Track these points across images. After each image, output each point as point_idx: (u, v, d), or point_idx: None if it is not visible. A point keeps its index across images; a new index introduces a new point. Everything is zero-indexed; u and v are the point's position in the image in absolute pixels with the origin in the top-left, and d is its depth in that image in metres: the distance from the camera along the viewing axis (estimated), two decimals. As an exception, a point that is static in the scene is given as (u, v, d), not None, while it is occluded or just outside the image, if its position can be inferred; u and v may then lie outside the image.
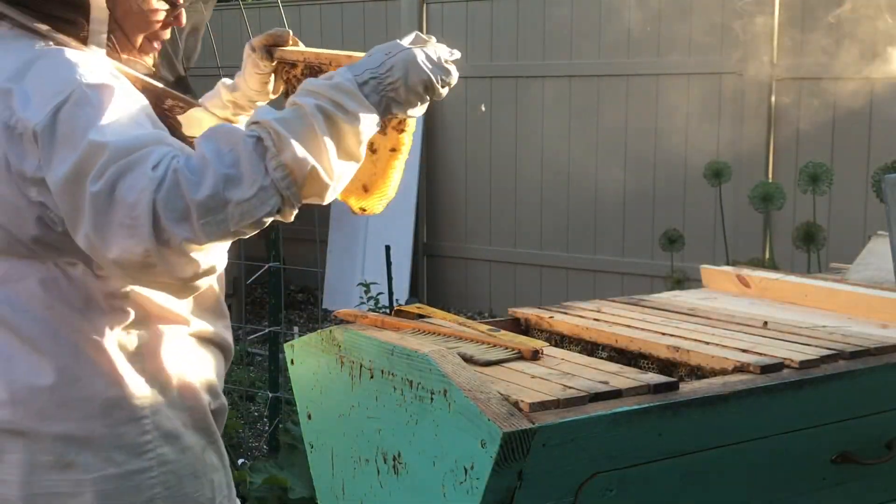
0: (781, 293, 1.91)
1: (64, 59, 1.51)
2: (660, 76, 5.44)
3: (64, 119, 1.43)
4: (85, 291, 1.55)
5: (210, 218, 1.36)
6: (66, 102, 1.44)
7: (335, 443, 1.52)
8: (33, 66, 1.50)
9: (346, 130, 1.45)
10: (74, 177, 1.40)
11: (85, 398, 1.55)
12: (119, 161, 1.38)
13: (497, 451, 1.17)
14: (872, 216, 4.81)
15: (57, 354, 1.54)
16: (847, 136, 5.02)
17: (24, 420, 1.56)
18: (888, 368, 1.49)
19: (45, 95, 1.46)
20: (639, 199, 5.60)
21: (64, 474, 1.56)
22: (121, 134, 1.42)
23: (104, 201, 1.37)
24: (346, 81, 1.47)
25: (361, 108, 1.47)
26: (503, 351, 1.45)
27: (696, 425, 1.31)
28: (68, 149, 1.41)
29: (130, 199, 1.36)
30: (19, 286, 1.55)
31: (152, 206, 1.35)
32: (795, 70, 5.13)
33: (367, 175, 1.66)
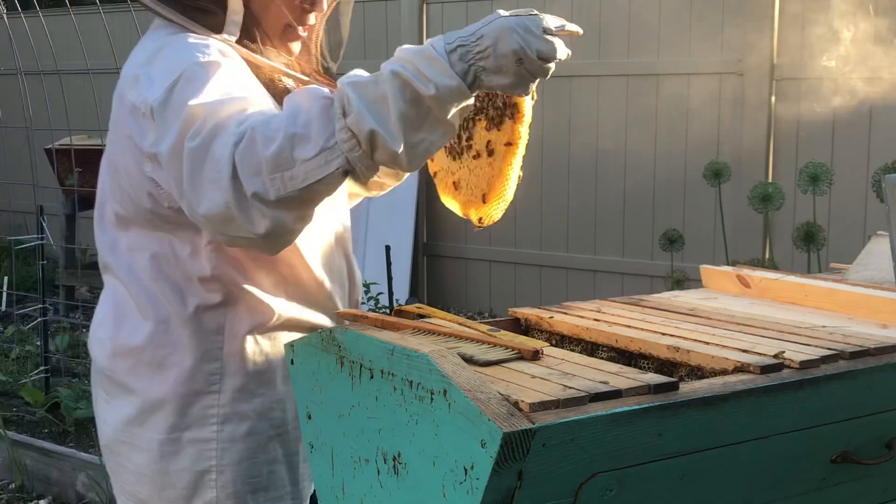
0: (781, 293, 1.91)
1: (185, 44, 1.62)
2: (660, 76, 5.44)
3: (175, 94, 1.54)
4: (185, 271, 1.67)
5: (278, 174, 1.43)
6: (179, 80, 1.55)
7: (335, 443, 1.52)
8: (160, 53, 1.63)
9: (422, 97, 1.43)
10: (178, 139, 1.50)
11: (165, 365, 1.70)
12: (215, 120, 1.48)
13: (497, 451, 1.17)
14: (872, 216, 4.81)
15: (153, 322, 1.69)
16: (847, 136, 5.02)
17: (118, 373, 1.74)
18: (888, 368, 1.49)
19: (163, 76, 1.57)
20: (639, 199, 5.60)
21: (140, 429, 1.72)
22: (219, 99, 1.52)
23: (199, 157, 1.48)
24: (433, 48, 1.45)
25: (442, 75, 1.44)
26: (503, 351, 1.45)
27: (696, 425, 1.31)
28: (175, 119, 1.52)
29: (218, 155, 1.46)
30: (138, 256, 1.70)
31: (232, 160, 1.45)
32: (795, 70, 5.13)
33: (486, 180, 1.62)
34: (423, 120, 1.45)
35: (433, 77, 1.43)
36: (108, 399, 1.79)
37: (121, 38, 6.99)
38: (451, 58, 1.44)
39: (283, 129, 1.45)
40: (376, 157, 1.46)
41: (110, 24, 5.15)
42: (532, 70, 1.47)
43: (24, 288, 6.73)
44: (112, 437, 1.78)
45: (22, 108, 4.98)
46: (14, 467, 4.01)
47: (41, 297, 4.70)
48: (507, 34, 1.45)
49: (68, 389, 4.56)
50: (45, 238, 4.66)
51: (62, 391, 4.49)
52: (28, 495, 3.96)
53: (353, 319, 1.66)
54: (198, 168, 1.48)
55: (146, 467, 1.73)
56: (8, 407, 4.61)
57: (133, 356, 1.72)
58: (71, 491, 3.89)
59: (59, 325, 5.81)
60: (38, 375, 4.70)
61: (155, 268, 1.69)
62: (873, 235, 2.07)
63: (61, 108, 5.13)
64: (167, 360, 1.70)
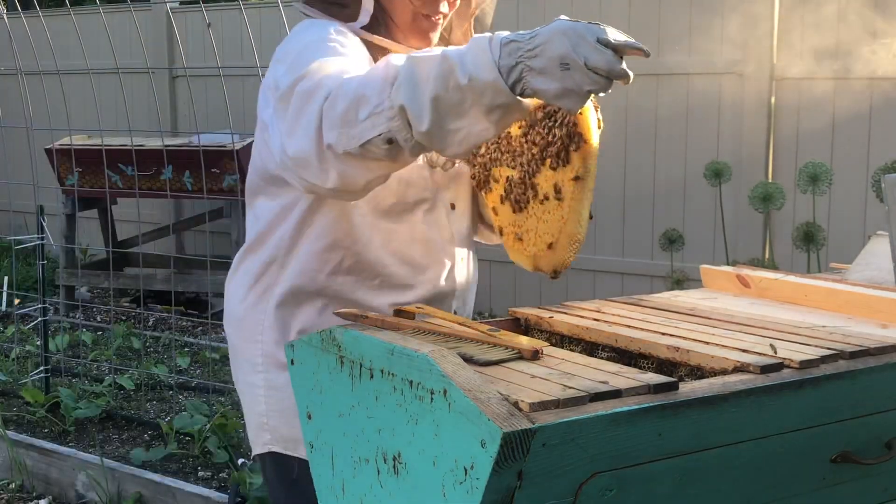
0: (781, 293, 1.91)
1: (311, 27, 1.79)
2: (660, 76, 5.44)
3: (295, 65, 1.66)
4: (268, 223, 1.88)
5: (346, 130, 1.52)
6: (301, 53, 1.69)
7: (335, 443, 1.52)
8: (291, 35, 1.80)
9: (457, 85, 1.43)
10: (291, 85, 1.62)
11: (233, 314, 1.94)
12: (321, 75, 1.60)
13: (497, 451, 1.17)
14: (872, 216, 4.81)
15: (244, 268, 1.93)
16: (847, 136, 5.02)
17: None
18: (888, 368, 1.49)
19: (287, 54, 1.73)
20: (639, 199, 5.60)
21: (231, 367, 2.00)
22: (330, 58, 1.65)
23: (302, 103, 1.59)
24: (489, 40, 1.45)
25: (482, 67, 1.42)
26: (503, 351, 1.45)
27: (696, 425, 1.31)
28: (293, 74, 1.64)
29: (313, 106, 1.57)
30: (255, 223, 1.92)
31: (320, 111, 1.55)
32: (795, 70, 5.13)
33: (557, 225, 1.53)
34: (466, 109, 1.44)
35: (472, 68, 1.42)
36: None
37: (121, 38, 7.00)
38: (503, 51, 1.42)
39: (355, 89, 1.53)
40: (414, 134, 1.49)
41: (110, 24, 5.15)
42: (578, 80, 1.39)
43: (24, 288, 6.73)
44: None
45: (22, 108, 4.98)
46: (14, 467, 4.01)
47: (41, 297, 4.70)
48: (558, 36, 1.40)
49: (68, 389, 4.56)
50: (45, 238, 4.66)
51: (62, 391, 4.49)
52: (28, 495, 3.97)
53: (353, 319, 1.66)
54: (299, 114, 1.59)
55: (243, 405, 1.98)
56: (8, 407, 4.61)
57: (227, 307, 1.99)
58: (71, 491, 3.89)
59: (59, 325, 5.81)
60: (38, 375, 4.70)
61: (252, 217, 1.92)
62: (873, 235, 2.07)
63: (61, 108, 5.13)
64: (235, 309, 1.93)
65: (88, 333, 5.69)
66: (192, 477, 3.84)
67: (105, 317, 6.47)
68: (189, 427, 4.08)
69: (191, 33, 7.16)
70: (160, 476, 3.74)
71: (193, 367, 5.38)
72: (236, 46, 6.92)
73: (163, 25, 7.32)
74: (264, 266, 1.87)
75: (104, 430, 4.37)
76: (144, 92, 6.92)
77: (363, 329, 1.52)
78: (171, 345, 5.49)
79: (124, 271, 6.70)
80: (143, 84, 6.92)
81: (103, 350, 5.45)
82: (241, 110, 6.82)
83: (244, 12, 4.76)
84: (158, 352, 5.68)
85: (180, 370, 5.16)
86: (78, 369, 5.07)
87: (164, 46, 7.34)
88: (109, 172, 5.98)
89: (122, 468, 3.80)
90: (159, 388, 4.91)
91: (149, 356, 5.49)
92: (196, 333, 6.08)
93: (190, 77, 5.69)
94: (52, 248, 6.82)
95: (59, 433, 4.32)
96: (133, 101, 6.88)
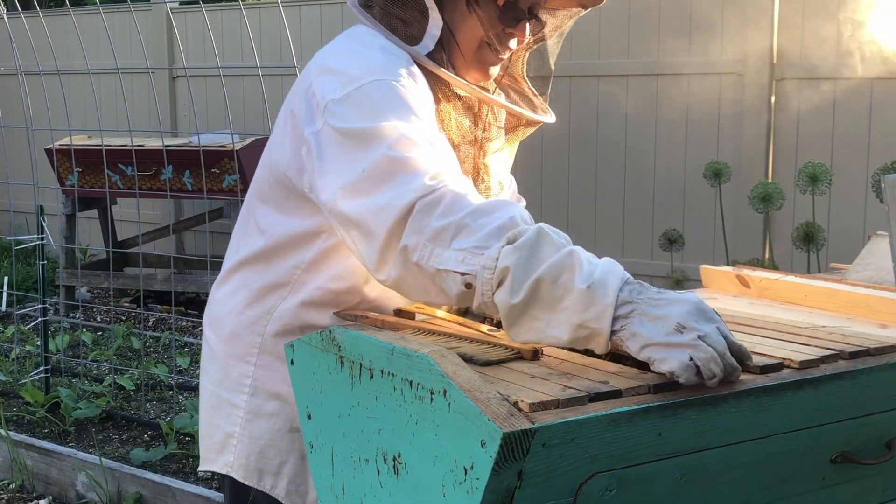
0: (781, 293, 1.91)
1: (378, 52, 1.65)
2: (660, 76, 5.44)
3: (362, 98, 1.56)
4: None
5: (432, 244, 1.45)
6: (366, 87, 1.57)
7: (335, 443, 1.52)
8: (354, 52, 1.66)
9: (570, 285, 1.34)
10: (362, 134, 1.53)
11: (222, 323, 1.83)
12: (413, 152, 1.50)
13: (497, 451, 1.17)
14: (872, 216, 4.81)
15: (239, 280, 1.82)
16: (847, 136, 5.02)
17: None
18: (888, 368, 1.49)
19: (349, 77, 1.59)
20: (639, 199, 5.60)
21: (203, 373, 1.90)
22: (416, 132, 1.53)
23: (383, 172, 1.49)
24: (622, 268, 1.37)
25: (607, 286, 1.33)
26: (503, 351, 1.45)
27: (696, 425, 1.31)
28: (361, 120, 1.55)
29: (406, 187, 1.47)
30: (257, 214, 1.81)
31: (413, 204, 1.46)
32: (795, 70, 5.13)
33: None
34: (559, 309, 1.35)
35: (598, 279, 1.33)
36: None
37: (121, 38, 7.00)
38: (626, 287, 1.34)
39: (464, 213, 1.44)
40: (496, 298, 1.39)
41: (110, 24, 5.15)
42: (686, 341, 1.28)
43: (24, 288, 6.73)
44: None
45: (22, 108, 4.98)
46: (14, 467, 4.02)
47: (41, 297, 4.70)
48: (687, 304, 1.31)
49: (68, 389, 4.56)
50: (46, 238, 4.66)
51: (62, 391, 4.50)
52: (28, 495, 3.97)
53: (353, 319, 1.66)
54: (377, 181, 1.49)
55: (202, 409, 1.90)
56: (8, 407, 4.62)
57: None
58: (71, 491, 3.89)
59: (59, 325, 5.81)
60: (38, 375, 4.70)
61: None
62: (873, 235, 2.07)
63: (61, 108, 5.13)
64: (227, 321, 1.82)
65: (88, 333, 5.69)
66: (192, 477, 3.84)
67: (105, 317, 6.47)
68: (189, 427, 4.08)
69: (191, 33, 7.16)
70: (160, 476, 3.74)
71: (193, 367, 5.38)
72: (236, 46, 6.92)
73: (163, 25, 7.32)
74: (268, 288, 1.76)
75: (104, 431, 4.37)
76: (144, 92, 6.93)
77: (363, 329, 1.52)
78: (171, 345, 5.49)
79: (124, 271, 6.70)
80: (143, 84, 6.92)
81: (103, 350, 5.45)
82: (241, 110, 6.82)
83: (244, 12, 4.76)
84: (158, 352, 5.68)
85: (180, 370, 5.16)
86: (78, 369, 5.07)
87: (164, 46, 7.34)
88: (109, 172, 5.98)
89: (122, 468, 3.81)
90: (159, 388, 4.91)
91: (149, 356, 5.49)
92: (196, 333, 6.08)
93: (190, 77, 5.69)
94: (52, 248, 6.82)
95: (59, 433, 4.32)
96: (133, 101, 6.88)
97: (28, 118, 4.86)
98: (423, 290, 1.49)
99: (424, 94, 1.64)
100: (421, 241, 1.45)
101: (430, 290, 1.48)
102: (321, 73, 1.64)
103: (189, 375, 5.20)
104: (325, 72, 1.64)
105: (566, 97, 5.65)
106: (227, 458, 1.81)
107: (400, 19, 1.69)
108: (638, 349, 1.31)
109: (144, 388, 4.80)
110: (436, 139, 1.57)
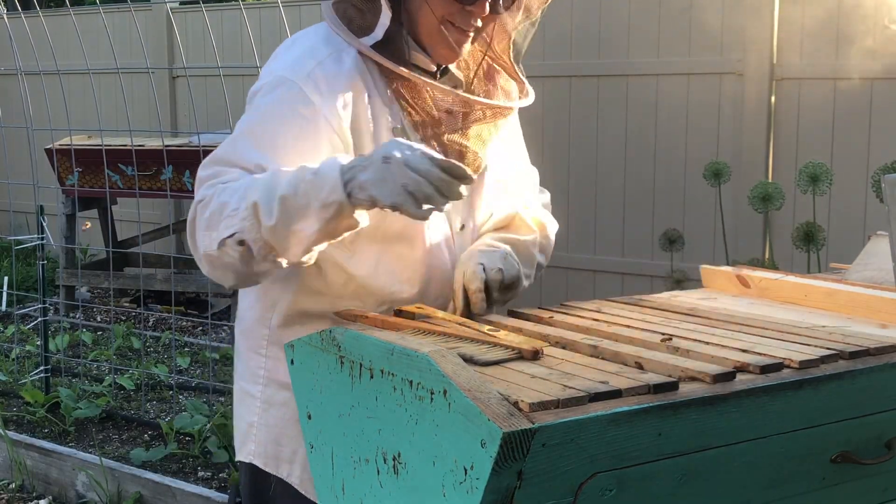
0: (781, 293, 1.91)
1: (299, 52, 1.78)
2: (659, 76, 5.44)
3: (255, 100, 1.78)
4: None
5: (209, 232, 1.67)
6: (259, 91, 1.77)
7: (335, 443, 1.52)
8: (280, 54, 1.83)
9: (304, 181, 1.58)
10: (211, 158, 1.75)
11: (242, 318, 1.94)
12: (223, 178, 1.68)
13: (497, 451, 1.17)
14: (872, 216, 4.81)
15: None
16: (847, 136, 5.02)
17: None
18: (888, 368, 1.49)
19: (256, 94, 1.80)
20: (639, 198, 5.60)
21: (234, 369, 2.00)
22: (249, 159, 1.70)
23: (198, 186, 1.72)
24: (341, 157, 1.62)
25: (328, 167, 1.58)
26: (503, 351, 1.45)
27: (696, 425, 1.31)
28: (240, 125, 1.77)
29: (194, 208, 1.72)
30: None
31: (194, 211, 1.70)
32: (795, 70, 5.13)
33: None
34: (307, 212, 1.57)
35: (321, 169, 1.59)
36: None
37: (121, 38, 7.00)
38: (347, 164, 1.58)
39: (216, 201, 1.66)
40: (262, 231, 1.60)
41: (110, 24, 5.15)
42: (395, 172, 1.53)
43: (24, 288, 6.73)
44: None
45: (22, 108, 4.98)
46: (14, 467, 4.02)
47: (41, 297, 4.70)
48: (387, 146, 1.57)
49: (68, 389, 4.56)
50: (46, 238, 4.66)
51: (62, 391, 4.49)
52: (28, 495, 3.97)
53: (353, 319, 1.66)
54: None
55: (234, 403, 1.99)
56: (8, 407, 4.61)
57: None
58: (71, 491, 3.89)
59: (59, 325, 5.81)
60: (38, 375, 4.70)
61: None
62: (873, 235, 2.07)
63: (61, 108, 5.13)
64: (244, 314, 1.93)
65: (88, 333, 5.69)
66: (192, 477, 3.84)
67: (105, 317, 6.47)
68: (189, 427, 4.08)
69: (191, 33, 7.16)
70: (160, 476, 3.74)
71: (193, 367, 5.38)
72: (236, 46, 6.92)
73: (163, 25, 7.32)
74: (272, 282, 1.84)
75: (104, 430, 4.37)
76: (144, 92, 6.92)
77: (363, 329, 1.52)
78: (171, 345, 5.49)
79: (124, 271, 6.70)
80: (143, 84, 6.92)
81: (103, 350, 5.45)
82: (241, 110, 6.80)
83: (244, 12, 4.76)
84: (158, 352, 5.68)
85: (180, 370, 5.16)
86: (78, 369, 5.07)
87: (164, 46, 7.34)
88: (109, 172, 5.98)
89: (122, 468, 3.81)
90: (159, 388, 4.91)
91: (149, 356, 5.49)
92: (196, 333, 6.08)
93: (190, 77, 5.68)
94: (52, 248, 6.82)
95: (59, 433, 4.32)
96: (133, 101, 6.88)
97: (28, 118, 4.86)
98: (223, 272, 1.68)
99: (332, 86, 1.72)
100: (199, 235, 1.66)
101: (227, 269, 1.67)
102: (262, 73, 1.83)
103: (189, 375, 5.20)
104: (262, 75, 1.82)
105: (566, 97, 5.65)
106: (250, 448, 1.91)
107: (357, 9, 1.77)
108: (367, 197, 1.53)
109: (144, 388, 4.79)
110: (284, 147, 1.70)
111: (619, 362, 1.43)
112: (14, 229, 7.24)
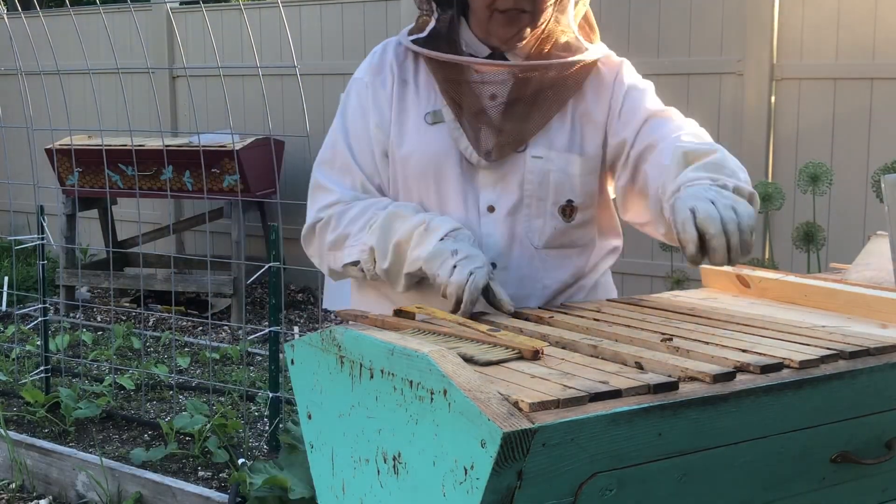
0: (781, 293, 1.91)
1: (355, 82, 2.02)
2: (659, 76, 5.44)
3: (335, 133, 2.01)
4: None
5: (333, 253, 1.96)
6: (337, 129, 2.00)
7: (335, 443, 1.52)
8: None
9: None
10: (318, 162, 2.03)
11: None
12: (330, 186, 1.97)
13: (497, 451, 1.17)
14: (872, 216, 4.81)
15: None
16: (847, 136, 5.02)
17: None
18: (888, 368, 1.49)
19: (347, 94, 2.02)
20: (639, 199, 5.59)
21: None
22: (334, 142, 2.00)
23: (311, 195, 2.02)
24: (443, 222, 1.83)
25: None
26: (503, 351, 1.45)
27: (696, 425, 1.31)
28: (325, 149, 2.02)
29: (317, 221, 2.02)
30: None
31: (314, 226, 1.98)
32: (795, 70, 5.13)
33: None
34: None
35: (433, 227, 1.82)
36: None
37: (121, 38, 7.00)
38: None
39: (343, 225, 1.93)
40: (377, 269, 1.85)
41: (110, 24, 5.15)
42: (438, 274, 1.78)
43: (25, 288, 6.73)
44: None
45: (22, 108, 4.98)
46: (14, 467, 4.02)
47: (41, 297, 4.70)
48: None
49: (68, 389, 4.56)
50: (46, 238, 4.66)
51: (62, 391, 4.49)
52: (28, 495, 3.97)
53: (353, 319, 1.66)
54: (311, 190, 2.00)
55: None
56: (8, 407, 4.62)
57: None
58: (71, 491, 3.89)
59: (60, 325, 5.82)
60: (38, 375, 4.70)
61: None
62: (873, 235, 2.07)
63: (61, 108, 5.13)
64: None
65: (88, 333, 5.69)
66: (192, 477, 3.84)
67: (105, 317, 6.47)
68: (189, 427, 4.08)
69: (191, 33, 7.16)
70: (160, 476, 3.74)
71: (193, 367, 5.39)
72: (236, 46, 6.92)
73: (163, 25, 7.33)
74: None
75: (104, 430, 4.37)
76: (144, 92, 6.93)
77: (363, 329, 1.52)
78: (171, 345, 5.49)
79: (124, 271, 6.70)
80: (143, 84, 6.92)
81: (103, 350, 5.45)
82: (241, 110, 6.82)
83: (244, 12, 4.76)
84: (158, 352, 5.68)
85: (180, 370, 5.16)
86: (78, 369, 5.07)
87: (164, 46, 7.34)
88: (109, 172, 5.99)
89: (122, 468, 3.81)
90: (159, 388, 4.91)
91: (149, 356, 5.49)
92: (196, 333, 6.08)
93: (190, 77, 5.69)
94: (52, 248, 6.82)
95: (59, 433, 4.32)
96: (133, 101, 6.88)
97: (28, 118, 4.86)
98: (340, 277, 1.97)
99: (377, 74, 1.96)
100: (325, 253, 1.93)
101: (342, 277, 1.96)
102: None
103: (189, 375, 5.21)
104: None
105: (566, 97, 5.64)
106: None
107: (424, 16, 1.96)
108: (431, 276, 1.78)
109: (144, 387, 4.80)
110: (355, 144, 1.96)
111: (619, 362, 1.44)
112: (14, 229, 7.25)
